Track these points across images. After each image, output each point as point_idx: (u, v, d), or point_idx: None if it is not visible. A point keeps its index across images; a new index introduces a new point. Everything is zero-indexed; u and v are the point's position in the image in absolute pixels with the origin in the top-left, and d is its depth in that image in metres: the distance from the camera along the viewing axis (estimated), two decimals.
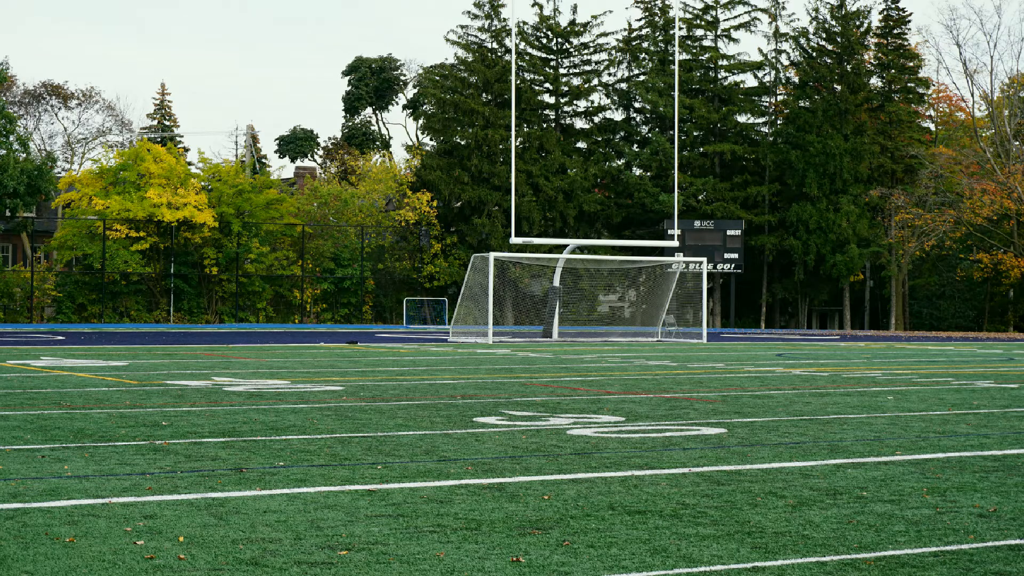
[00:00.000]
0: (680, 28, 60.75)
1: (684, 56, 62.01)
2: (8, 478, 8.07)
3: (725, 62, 63.06)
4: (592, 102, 64.96)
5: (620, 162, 64.65)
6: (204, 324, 53.02)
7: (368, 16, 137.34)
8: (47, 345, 30.09)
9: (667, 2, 63.67)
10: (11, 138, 52.91)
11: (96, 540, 6.01)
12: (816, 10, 62.41)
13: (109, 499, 7.24)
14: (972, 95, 62.65)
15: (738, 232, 56.10)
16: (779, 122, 63.84)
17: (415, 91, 77.36)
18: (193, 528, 6.37)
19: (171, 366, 21.48)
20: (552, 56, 63.52)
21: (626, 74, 65.21)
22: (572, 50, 63.67)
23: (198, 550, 5.83)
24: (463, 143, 60.41)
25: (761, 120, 64.70)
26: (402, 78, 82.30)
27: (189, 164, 61.28)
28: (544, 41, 63.37)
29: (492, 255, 38.91)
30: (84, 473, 8.33)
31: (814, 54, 62.56)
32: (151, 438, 10.47)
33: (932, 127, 68.68)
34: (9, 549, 5.78)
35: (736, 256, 56.00)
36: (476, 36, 61.71)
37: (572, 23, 63.01)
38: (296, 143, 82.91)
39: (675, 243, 44.32)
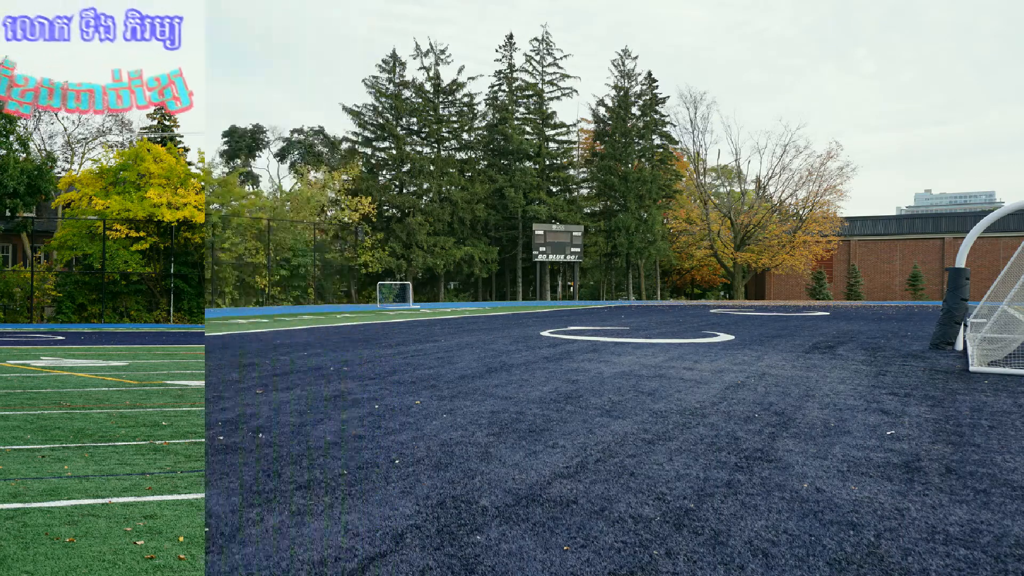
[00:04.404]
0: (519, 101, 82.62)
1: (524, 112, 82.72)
2: (8, 478, 8.07)
3: (552, 121, 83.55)
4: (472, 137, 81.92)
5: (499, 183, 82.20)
6: (204, 324, 53.02)
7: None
8: (47, 345, 30.08)
9: (515, 74, 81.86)
10: (11, 138, 52.90)
11: (96, 540, 6.01)
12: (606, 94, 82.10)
13: (109, 499, 7.23)
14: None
15: (579, 233, 78.72)
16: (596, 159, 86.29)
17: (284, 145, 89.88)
18: (193, 528, 6.36)
19: (171, 366, 21.47)
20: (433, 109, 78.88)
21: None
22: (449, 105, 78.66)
23: (198, 550, 5.82)
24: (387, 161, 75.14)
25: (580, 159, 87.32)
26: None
27: (189, 164, 61.38)
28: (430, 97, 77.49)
29: None
30: (84, 473, 8.32)
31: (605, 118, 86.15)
32: (151, 438, 10.47)
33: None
34: (9, 549, 5.78)
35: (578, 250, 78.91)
36: (373, 105, 75.88)
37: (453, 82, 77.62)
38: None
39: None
